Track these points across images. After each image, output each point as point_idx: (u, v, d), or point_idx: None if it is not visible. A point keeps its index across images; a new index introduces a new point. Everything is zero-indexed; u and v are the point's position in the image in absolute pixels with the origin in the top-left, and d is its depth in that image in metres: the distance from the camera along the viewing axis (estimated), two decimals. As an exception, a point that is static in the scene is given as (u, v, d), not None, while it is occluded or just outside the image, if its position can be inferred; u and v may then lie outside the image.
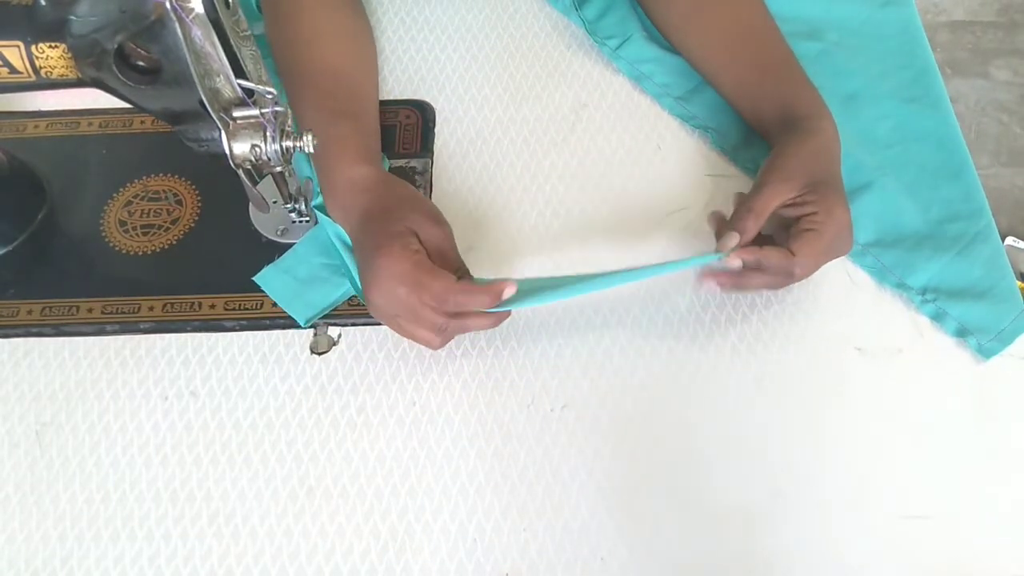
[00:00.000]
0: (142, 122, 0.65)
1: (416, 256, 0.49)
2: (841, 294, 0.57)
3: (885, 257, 0.57)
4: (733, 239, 0.51)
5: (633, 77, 0.66)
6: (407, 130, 0.64)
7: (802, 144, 0.53)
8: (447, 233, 0.52)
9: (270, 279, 0.56)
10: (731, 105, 0.62)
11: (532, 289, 0.52)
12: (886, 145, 0.62)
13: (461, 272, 0.52)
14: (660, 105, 0.65)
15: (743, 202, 0.52)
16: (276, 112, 0.48)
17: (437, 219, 0.52)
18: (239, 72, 0.46)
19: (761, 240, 0.52)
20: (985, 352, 0.54)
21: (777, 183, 0.51)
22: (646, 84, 0.66)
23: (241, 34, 0.47)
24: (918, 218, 0.59)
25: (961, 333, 0.55)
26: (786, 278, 0.52)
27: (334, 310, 0.56)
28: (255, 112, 0.47)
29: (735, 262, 0.50)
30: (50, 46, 0.45)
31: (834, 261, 0.53)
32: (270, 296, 0.56)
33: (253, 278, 0.56)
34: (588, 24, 0.68)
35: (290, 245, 0.58)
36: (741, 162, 0.62)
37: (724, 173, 0.62)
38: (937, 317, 0.56)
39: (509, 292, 0.49)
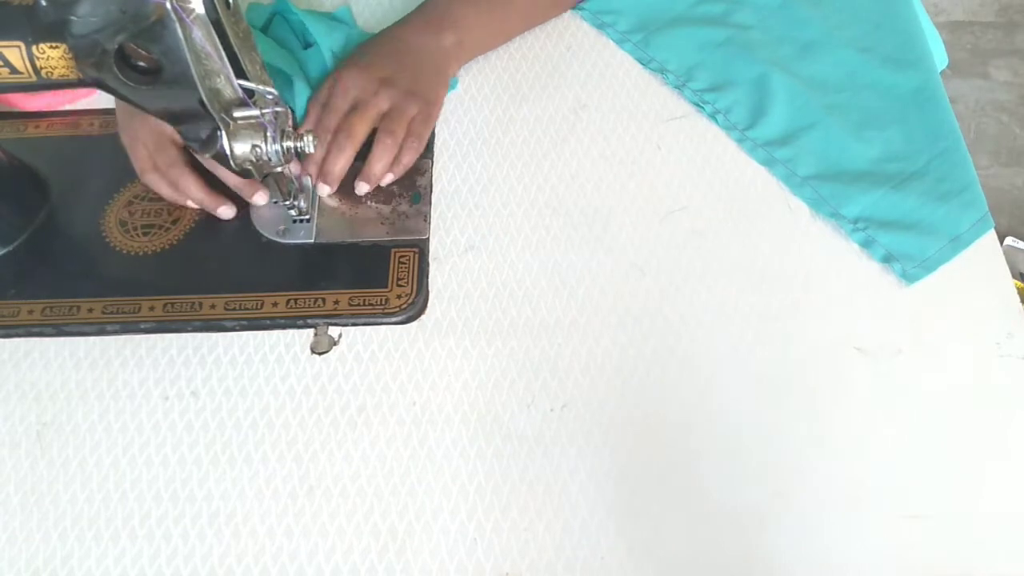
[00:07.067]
0: (142, 122, 0.65)
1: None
2: (841, 294, 0.57)
3: (823, 189, 0.61)
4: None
5: (596, 25, 0.70)
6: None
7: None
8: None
9: None
10: None
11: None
12: (836, 90, 0.66)
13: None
14: (622, 49, 0.69)
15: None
16: (276, 112, 0.48)
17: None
18: (239, 72, 0.46)
19: None
20: (909, 277, 0.57)
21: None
22: (609, 32, 0.70)
23: (241, 35, 0.47)
24: (859, 156, 0.62)
25: (887, 259, 0.58)
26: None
27: (335, 311, 0.56)
28: (255, 112, 0.47)
29: (324, 190, 0.59)
30: (51, 46, 0.45)
31: (775, 191, 0.60)
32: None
33: None
34: None
35: (290, 245, 0.58)
36: (692, 99, 0.66)
37: (724, 172, 0.62)
38: (866, 244, 0.58)
39: (226, 214, 0.59)
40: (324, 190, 0.59)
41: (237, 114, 0.47)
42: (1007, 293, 0.57)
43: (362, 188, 0.60)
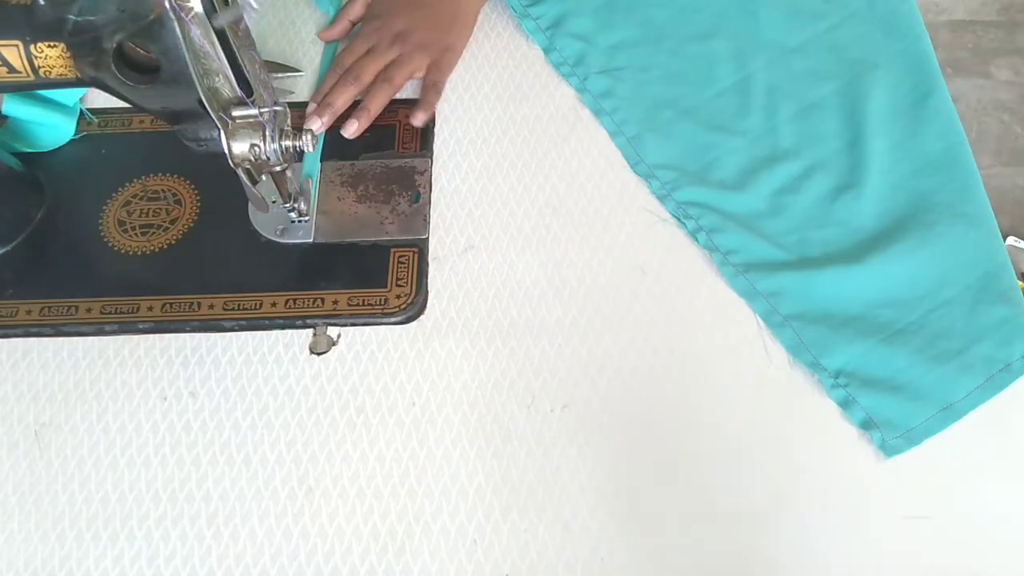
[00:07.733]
0: (141, 121, 0.64)
1: None
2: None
3: (805, 333, 0.54)
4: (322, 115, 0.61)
5: (543, 47, 0.68)
6: (407, 129, 0.64)
7: None
8: None
9: None
10: None
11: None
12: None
13: None
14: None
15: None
16: (275, 111, 0.48)
17: None
18: (238, 72, 0.46)
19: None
20: (888, 450, 0.50)
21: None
22: (551, 56, 0.68)
23: (240, 33, 0.46)
24: (852, 296, 0.55)
25: (866, 426, 0.51)
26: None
27: (334, 311, 0.56)
28: (254, 111, 0.47)
29: (316, 123, 0.61)
30: (49, 45, 0.45)
31: (751, 332, 0.54)
32: None
33: None
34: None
35: (289, 245, 0.58)
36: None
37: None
38: (845, 404, 0.52)
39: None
40: (316, 123, 0.61)
41: (235, 113, 0.47)
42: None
43: (351, 126, 0.61)
